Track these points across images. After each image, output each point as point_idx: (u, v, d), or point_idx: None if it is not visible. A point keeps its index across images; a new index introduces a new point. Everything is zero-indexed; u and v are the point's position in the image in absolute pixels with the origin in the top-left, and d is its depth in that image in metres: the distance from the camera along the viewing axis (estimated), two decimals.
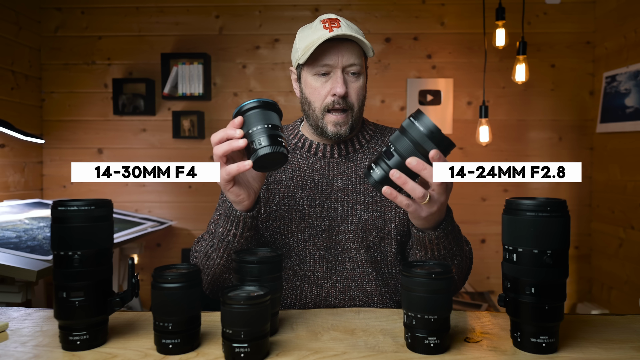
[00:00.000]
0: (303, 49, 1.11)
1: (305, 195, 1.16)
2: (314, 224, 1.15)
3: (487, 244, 3.14)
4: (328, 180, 1.17)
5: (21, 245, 1.90)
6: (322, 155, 1.19)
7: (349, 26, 1.11)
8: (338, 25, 1.09)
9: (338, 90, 1.08)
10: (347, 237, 1.14)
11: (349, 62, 1.10)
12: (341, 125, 1.12)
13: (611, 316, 0.96)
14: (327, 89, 1.11)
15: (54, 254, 0.78)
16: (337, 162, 1.18)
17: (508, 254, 0.78)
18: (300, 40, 1.13)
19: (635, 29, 2.65)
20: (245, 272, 0.84)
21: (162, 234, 3.18)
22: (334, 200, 1.16)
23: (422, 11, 3.12)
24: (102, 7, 3.13)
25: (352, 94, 1.11)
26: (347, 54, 1.09)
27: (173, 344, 0.76)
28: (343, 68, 1.10)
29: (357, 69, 1.11)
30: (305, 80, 1.14)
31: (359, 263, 1.14)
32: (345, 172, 1.17)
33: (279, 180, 1.18)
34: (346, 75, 1.11)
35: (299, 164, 1.19)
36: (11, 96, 2.85)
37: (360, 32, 1.12)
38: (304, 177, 1.17)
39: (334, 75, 1.10)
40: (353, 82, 1.12)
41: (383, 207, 1.15)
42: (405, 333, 0.79)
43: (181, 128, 3.10)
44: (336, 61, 1.09)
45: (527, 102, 3.11)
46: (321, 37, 1.07)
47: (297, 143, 1.22)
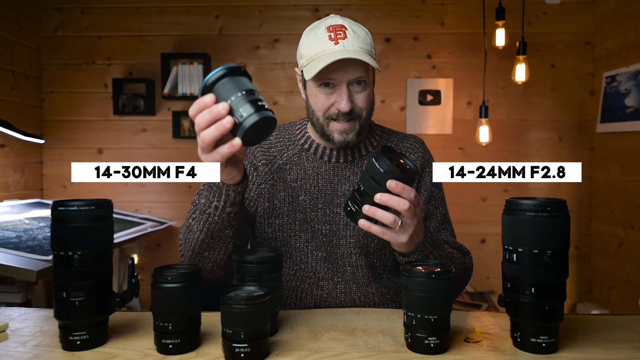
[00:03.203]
0: (308, 58, 1.07)
1: (308, 199, 1.16)
2: (315, 228, 1.15)
3: (487, 244, 3.14)
4: (332, 185, 1.16)
5: (21, 245, 1.90)
6: (327, 160, 1.17)
7: (356, 36, 1.06)
8: (344, 35, 1.04)
9: (343, 107, 1.06)
10: (347, 242, 1.14)
11: (355, 76, 1.06)
12: (348, 132, 1.10)
13: (611, 316, 0.96)
14: (331, 101, 1.08)
15: (54, 254, 0.78)
16: (342, 167, 1.17)
17: (508, 254, 0.78)
18: (305, 47, 1.09)
19: (635, 29, 2.65)
20: (245, 272, 0.84)
21: (162, 234, 3.18)
22: (337, 205, 1.15)
23: (422, 11, 3.12)
24: (102, 7, 3.13)
25: (358, 103, 1.09)
26: (353, 69, 1.06)
27: (173, 344, 0.76)
28: (348, 82, 1.07)
29: (364, 78, 1.08)
30: (310, 90, 1.11)
31: (358, 268, 1.14)
32: (350, 178, 1.16)
33: (283, 179, 1.17)
34: (351, 86, 1.08)
35: (304, 166, 1.18)
36: (11, 96, 2.85)
37: (366, 41, 1.08)
38: (308, 180, 1.16)
39: (339, 89, 1.07)
40: (360, 93, 1.09)
41: None
42: (405, 333, 0.79)
43: (181, 128, 3.10)
44: (341, 77, 1.06)
45: (527, 102, 3.11)
46: (326, 50, 1.04)
47: (303, 145, 1.20)
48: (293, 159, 1.19)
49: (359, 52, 1.03)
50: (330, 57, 1.02)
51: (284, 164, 1.19)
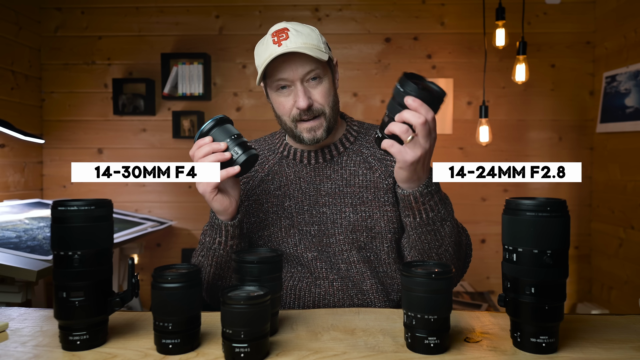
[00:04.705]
0: (259, 66, 1.09)
1: (294, 204, 1.17)
2: (303, 230, 1.16)
3: (487, 244, 3.14)
4: (315, 186, 1.17)
5: (21, 245, 1.90)
6: (307, 162, 1.18)
7: (298, 34, 1.06)
8: (286, 36, 1.05)
9: (300, 104, 1.07)
10: (337, 239, 1.15)
11: (305, 71, 1.07)
12: (316, 130, 1.11)
13: (611, 316, 0.96)
14: (290, 102, 1.10)
15: (54, 254, 0.78)
16: (323, 167, 1.18)
17: (508, 254, 0.78)
18: (257, 57, 1.11)
19: (635, 29, 2.65)
20: (245, 272, 0.85)
21: (162, 234, 3.18)
22: (322, 204, 1.16)
23: (422, 11, 3.11)
24: (102, 7, 3.13)
25: (318, 99, 1.09)
26: (301, 65, 1.06)
27: (173, 344, 0.76)
28: (301, 79, 1.07)
29: (317, 73, 1.08)
30: (272, 97, 1.13)
31: (352, 264, 1.14)
32: (332, 176, 1.17)
33: (267, 191, 1.19)
34: (307, 83, 1.09)
35: (286, 173, 1.19)
36: (11, 96, 2.85)
37: (311, 37, 1.07)
38: (291, 186, 1.18)
39: (294, 88, 1.08)
40: (315, 88, 1.09)
41: (371, 207, 1.14)
42: (405, 333, 0.79)
43: (181, 128, 3.10)
44: (291, 74, 1.07)
45: (527, 102, 3.11)
46: (271, 53, 1.05)
47: (282, 152, 1.22)
48: (274, 169, 1.21)
49: (301, 48, 1.04)
50: (271, 57, 1.04)
51: (265, 176, 1.21)
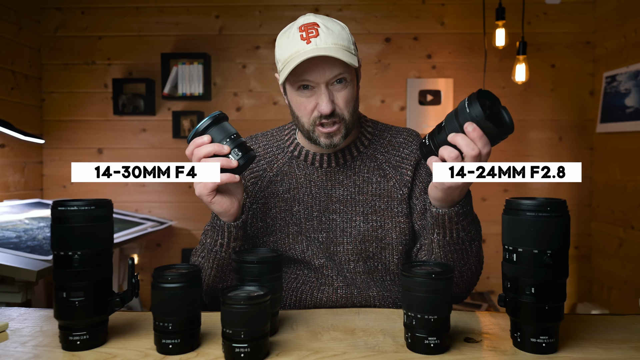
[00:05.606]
0: (282, 62, 1.02)
1: (302, 209, 1.13)
2: (311, 237, 1.12)
3: (487, 244, 3.14)
4: (326, 191, 1.13)
5: (21, 245, 1.90)
6: (319, 165, 1.13)
7: (329, 32, 0.99)
8: (316, 33, 0.98)
9: (323, 109, 1.01)
10: (345, 248, 1.11)
11: (333, 74, 1.00)
12: (333, 136, 1.05)
13: (611, 316, 0.96)
14: (312, 104, 1.03)
15: (54, 254, 0.78)
16: (335, 171, 1.13)
17: (508, 254, 0.77)
18: (280, 51, 1.04)
19: (635, 29, 2.65)
20: (245, 272, 0.84)
21: (162, 234, 3.18)
22: (332, 211, 1.12)
23: (422, 11, 3.11)
24: (102, 7, 3.13)
25: (340, 104, 1.03)
26: (329, 68, 1.00)
27: (173, 344, 0.76)
28: (327, 82, 1.01)
29: (344, 77, 1.02)
30: (290, 94, 1.07)
31: (357, 274, 1.12)
32: (344, 181, 1.13)
33: (275, 193, 1.14)
34: (332, 86, 1.02)
35: (296, 175, 1.15)
36: (11, 96, 2.85)
37: (342, 36, 1.01)
38: (301, 189, 1.14)
39: (318, 90, 1.02)
40: (340, 92, 1.03)
41: (383, 217, 1.11)
42: (405, 333, 0.79)
43: (181, 128, 3.10)
44: (318, 77, 1.00)
45: (527, 102, 3.11)
46: (298, 51, 0.98)
47: (293, 152, 1.16)
48: (284, 169, 1.16)
49: (333, 49, 0.98)
50: (301, 57, 0.97)
51: (274, 176, 1.16)
